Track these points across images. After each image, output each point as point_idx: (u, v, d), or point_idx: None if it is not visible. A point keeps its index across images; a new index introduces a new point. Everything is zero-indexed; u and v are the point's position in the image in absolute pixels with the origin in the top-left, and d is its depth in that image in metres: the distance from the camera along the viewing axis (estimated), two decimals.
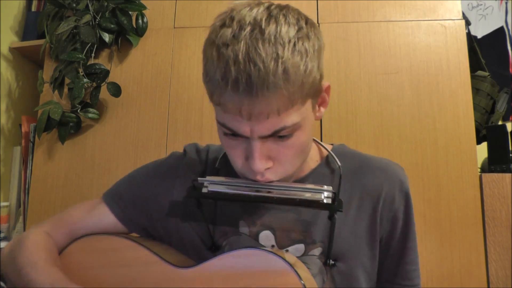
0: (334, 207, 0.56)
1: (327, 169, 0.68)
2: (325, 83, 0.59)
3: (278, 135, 0.53)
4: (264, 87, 0.48)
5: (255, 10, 0.52)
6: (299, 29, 0.51)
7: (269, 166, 0.55)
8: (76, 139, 1.36)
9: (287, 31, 0.50)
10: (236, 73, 0.48)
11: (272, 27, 0.50)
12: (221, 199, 0.63)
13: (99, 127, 1.36)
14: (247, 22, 0.50)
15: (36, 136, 1.34)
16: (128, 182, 0.73)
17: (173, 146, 1.32)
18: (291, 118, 0.52)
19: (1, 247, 1.31)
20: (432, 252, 1.16)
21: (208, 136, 1.30)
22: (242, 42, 0.49)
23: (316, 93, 0.56)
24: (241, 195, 0.59)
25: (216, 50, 0.50)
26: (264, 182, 0.57)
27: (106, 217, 0.70)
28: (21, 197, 1.41)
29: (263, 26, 0.49)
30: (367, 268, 0.66)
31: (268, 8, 0.53)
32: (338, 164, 0.67)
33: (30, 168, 1.39)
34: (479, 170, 1.24)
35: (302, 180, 0.66)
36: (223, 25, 0.52)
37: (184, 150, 0.75)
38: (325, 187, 0.56)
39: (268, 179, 0.57)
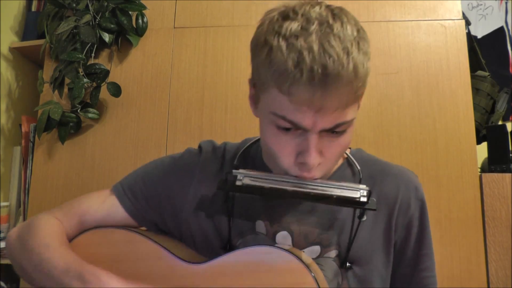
0: (368, 206, 0.56)
1: (348, 171, 0.69)
2: None
3: (335, 131, 0.54)
4: (338, 79, 0.49)
5: (317, 8, 0.53)
6: (358, 30, 0.53)
7: (320, 162, 0.55)
8: (76, 139, 1.36)
9: (352, 30, 0.52)
10: (311, 63, 0.48)
11: (338, 24, 0.51)
12: (256, 193, 0.61)
13: (99, 127, 1.36)
14: (314, 16, 0.51)
15: (36, 136, 1.34)
16: (142, 177, 0.72)
17: (173, 146, 1.32)
18: (350, 113, 0.53)
19: (1, 247, 1.31)
20: None
21: (208, 136, 1.30)
22: (314, 35, 0.49)
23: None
24: (278, 189, 0.57)
25: (284, 40, 0.50)
26: (310, 179, 0.56)
27: (116, 211, 0.70)
28: (21, 197, 1.41)
29: (330, 22, 0.51)
30: (381, 273, 0.66)
31: (328, 7, 0.54)
32: (357, 167, 0.68)
33: (30, 168, 1.39)
34: (479, 170, 1.24)
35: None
36: (286, 18, 0.52)
37: (200, 147, 0.74)
38: (361, 185, 0.57)
39: (314, 176, 0.56)
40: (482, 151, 1.29)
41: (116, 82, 1.33)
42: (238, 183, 0.58)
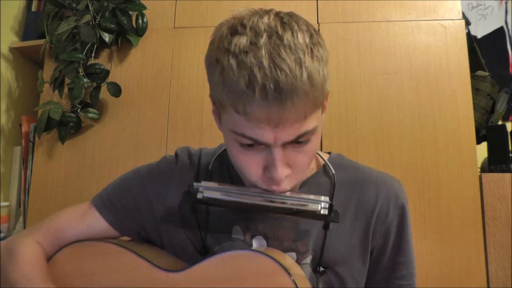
0: (330, 218, 0.56)
1: (323, 178, 0.68)
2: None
3: (298, 141, 0.52)
4: (293, 93, 0.47)
5: (266, 18, 0.51)
6: (311, 36, 0.51)
7: (288, 174, 0.54)
8: (76, 139, 1.36)
9: (303, 37, 0.50)
10: (263, 80, 0.46)
11: (288, 33, 0.49)
12: (215, 205, 0.61)
13: (99, 127, 1.36)
14: (262, 29, 0.49)
15: (36, 136, 1.34)
16: (119, 186, 0.72)
17: (173, 146, 1.32)
18: (312, 122, 0.52)
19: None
20: (432, 252, 1.16)
21: (208, 136, 1.30)
22: (264, 49, 0.47)
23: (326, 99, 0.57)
24: (237, 202, 0.57)
25: (233, 57, 0.49)
26: (279, 192, 0.56)
27: (97, 223, 0.69)
28: (21, 197, 1.41)
29: (280, 33, 0.49)
30: (356, 279, 0.66)
31: (277, 15, 0.52)
32: (332, 172, 0.67)
33: (30, 168, 1.39)
34: (479, 170, 1.24)
35: (299, 188, 0.66)
36: (235, 33, 0.51)
37: (176, 154, 0.74)
38: (323, 197, 0.56)
39: (284, 189, 0.56)
40: (482, 151, 1.29)
41: (116, 82, 1.33)
42: (198, 195, 0.58)
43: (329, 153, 0.73)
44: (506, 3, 1.94)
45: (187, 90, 1.35)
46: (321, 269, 0.63)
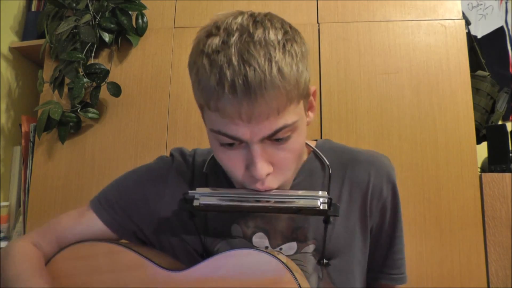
0: (330, 212, 0.56)
1: (315, 163, 0.68)
2: (311, 87, 0.59)
3: (276, 138, 0.52)
4: (262, 87, 0.48)
5: (239, 18, 0.53)
6: (285, 32, 0.52)
7: (270, 171, 0.54)
8: (76, 139, 1.36)
9: (275, 33, 0.51)
10: (232, 75, 0.48)
11: (260, 30, 0.50)
12: (214, 211, 0.61)
13: (99, 127, 1.36)
14: (234, 28, 0.51)
15: (36, 136, 1.34)
16: (117, 187, 0.72)
17: (173, 146, 1.31)
18: (290, 116, 0.52)
19: (1, 247, 1.31)
20: (432, 252, 1.16)
21: None
22: (233, 47, 0.49)
23: (307, 95, 0.56)
24: (235, 206, 0.57)
25: (206, 58, 0.50)
26: (264, 190, 0.56)
27: (94, 224, 0.69)
28: (21, 197, 1.41)
29: (251, 31, 0.50)
30: (360, 261, 0.67)
31: (251, 15, 0.54)
32: (326, 163, 0.67)
33: (30, 168, 1.39)
34: (479, 170, 1.24)
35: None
36: (209, 35, 0.52)
37: (172, 155, 0.74)
38: (320, 193, 0.56)
39: (269, 187, 0.56)
40: (482, 151, 1.29)
41: (116, 82, 1.33)
42: (195, 203, 0.58)
43: (316, 140, 0.73)
44: (506, 3, 1.94)
45: (187, 90, 1.35)
46: (325, 261, 0.63)
